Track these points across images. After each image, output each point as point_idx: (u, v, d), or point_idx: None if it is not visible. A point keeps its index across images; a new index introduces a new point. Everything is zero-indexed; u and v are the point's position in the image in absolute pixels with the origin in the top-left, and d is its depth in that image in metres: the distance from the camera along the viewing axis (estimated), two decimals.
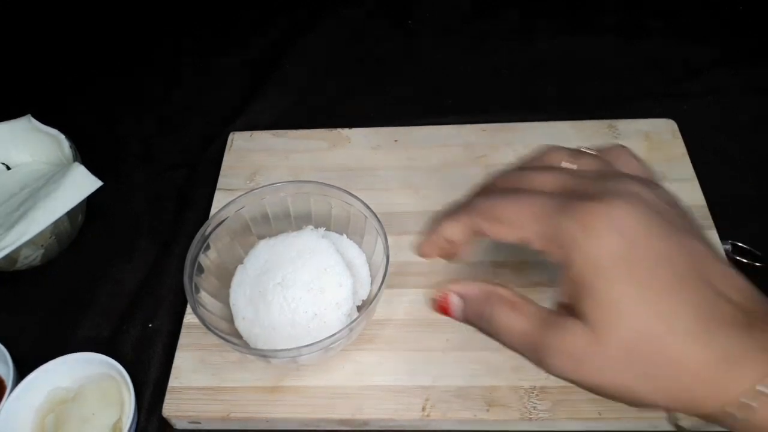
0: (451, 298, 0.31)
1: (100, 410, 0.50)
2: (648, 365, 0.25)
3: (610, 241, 0.25)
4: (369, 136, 0.66)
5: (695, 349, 0.24)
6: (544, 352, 0.27)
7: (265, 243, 0.52)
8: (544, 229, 0.27)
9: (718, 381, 0.24)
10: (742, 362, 0.24)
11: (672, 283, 0.25)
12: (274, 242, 0.52)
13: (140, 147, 0.71)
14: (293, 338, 0.47)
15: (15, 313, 0.58)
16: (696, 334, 0.24)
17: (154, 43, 0.85)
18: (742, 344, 0.24)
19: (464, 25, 0.82)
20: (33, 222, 0.55)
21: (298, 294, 0.47)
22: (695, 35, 0.77)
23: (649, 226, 0.26)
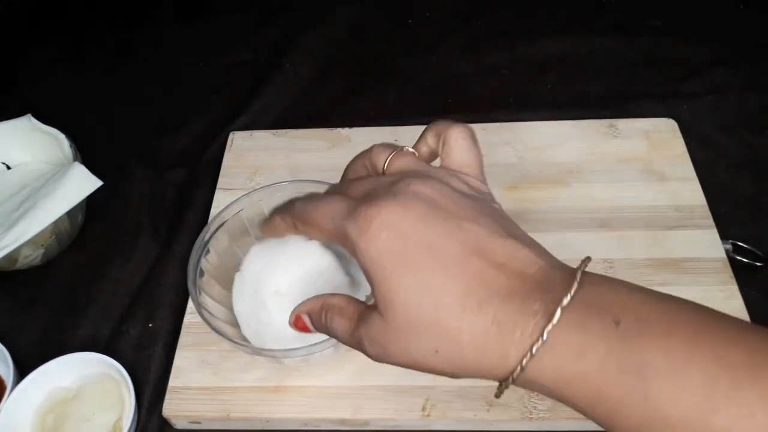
0: (303, 317, 0.36)
1: (100, 410, 0.50)
2: (431, 340, 0.28)
3: (381, 239, 0.29)
4: (369, 136, 0.66)
5: (466, 319, 0.27)
6: (362, 344, 0.31)
7: (256, 250, 0.49)
8: (336, 231, 0.31)
9: (496, 348, 0.27)
10: (513, 328, 0.26)
11: (439, 264, 0.28)
12: (266, 248, 0.49)
13: (140, 146, 0.71)
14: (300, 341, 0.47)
15: (15, 313, 0.58)
16: (464, 306, 0.27)
17: (155, 42, 0.85)
18: (516, 310, 0.26)
19: (464, 24, 0.82)
20: (33, 221, 0.55)
21: (298, 301, 0.47)
22: (695, 34, 0.77)
23: (420, 219, 0.29)
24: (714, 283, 0.53)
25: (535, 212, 0.58)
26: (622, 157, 0.62)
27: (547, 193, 0.60)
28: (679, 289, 0.52)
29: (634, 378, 0.24)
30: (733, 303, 0.51)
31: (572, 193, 0.60)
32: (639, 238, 0.56)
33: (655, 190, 0.59)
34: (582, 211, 0.58)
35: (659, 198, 0.59)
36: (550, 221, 0.58)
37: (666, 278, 0.53)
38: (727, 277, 0.53)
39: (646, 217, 0.58)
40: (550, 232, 0.56)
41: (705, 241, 0.55)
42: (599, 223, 0.57)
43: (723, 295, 0.52)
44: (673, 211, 0.58)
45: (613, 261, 0.54)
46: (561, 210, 0.59)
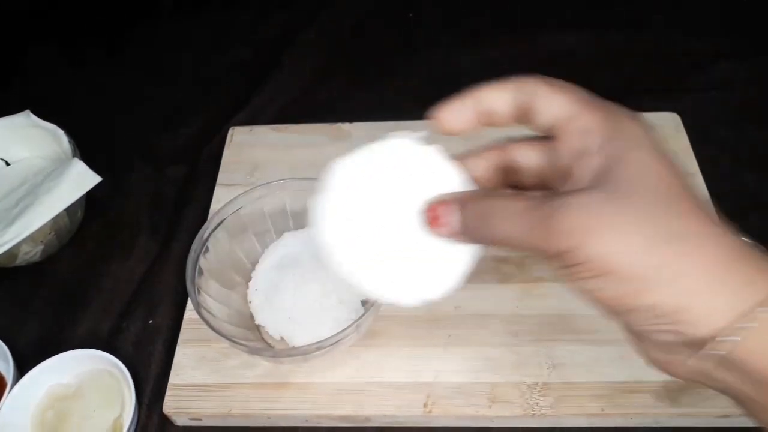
0: (450, 206, 0.28)
1: (100, 407, 0.50)
2: (663, 237, 0.23)
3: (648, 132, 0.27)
4: (370, 131, 0.66)
5: (715, 246, 0.23)
6: (554, 214, 0.24)
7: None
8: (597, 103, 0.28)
9: (724, 291, 0.23)
10: (753, 279, 0.23)
11: (689, 190, 0.25)
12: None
13: (140, 142, 0.71)
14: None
15: (15, 310, 0.58)
16: (718, 235, 0.24)
17: (154, 38, 0.84)
18: (759, 262, 0.24)
19: (465, 18, 0.82)
20: (32, 218, 0.54)
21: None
22: (699, 29, 0.76)
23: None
24: None
25: None
26: None
27: None
28: None
29: None
30: None
31: None
32: None
33: None
34: None
35: None
36: None
37: None
38: None
39: None
40: None
41: None
42: None
43: None
44: None
45: None
46: None
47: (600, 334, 0.50)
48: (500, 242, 0.26)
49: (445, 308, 0.52)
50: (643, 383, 0.47)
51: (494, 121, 0.30)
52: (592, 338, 0.50)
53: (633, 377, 0.48)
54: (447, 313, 0.52)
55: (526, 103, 0.29)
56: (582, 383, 0.48)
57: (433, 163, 0.32)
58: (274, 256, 0.54)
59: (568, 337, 0.50)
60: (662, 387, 0.47)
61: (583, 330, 0.50)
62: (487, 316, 0.51)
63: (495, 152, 0.32)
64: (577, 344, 0.49)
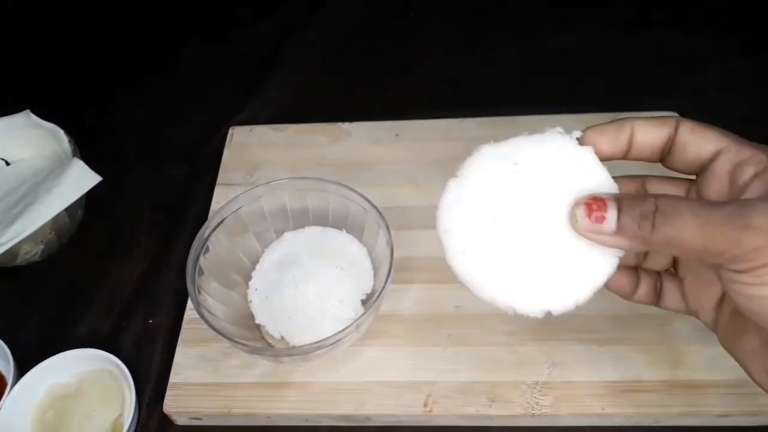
0: (608, 202, 0.27)
1: (100, 406, 0.50)
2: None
3: None
4: (370, 131, 0.66)
5: None
6: (745, 212, 0.24)
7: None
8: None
9: None
10: None
11: None
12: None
13: (140, 142, 0.71)
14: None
15: (15, 309, 0.58)
16: None
17: (154, 37, 0.84)
18: None
19: (465, 17, 0.82)
20: (33, 217, 0.55)
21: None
22: (699, 28, 0.76)
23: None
24: None
25: None
26: None
27: None
28: None
29: None
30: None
31: None
32: None
33: None
34: None
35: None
36: None
37: None
38: None
39: None
40: None
41: None
42: None
43: None
44: None
45: None
46: None
47: (600, 333, 0.50)
48: (665, 243, 0.26)
49: (445, 308, 0.52)
50: (644, 383, 0.47)
51: (641, 154, 0.31)
52: (592, 337, 0.50)
53: (633, 377, 0.48)
54: (447, 312, 0.52)
55: (675, 138, 0.30)
56: (582, 382, 0.48)
57: (584, 164, 0.30)
58: (274, 256, 0.54)
59: (569, 337, 0.50)
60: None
61: (584, 329, 0.50)
62: (487, 315, 0.51)
63: (632, 184, 0.33)
64: (578, 343, 0.49)
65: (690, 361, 0.48)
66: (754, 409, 0.46)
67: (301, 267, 0.52)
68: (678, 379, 0.47)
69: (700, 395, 0.47)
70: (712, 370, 0.48)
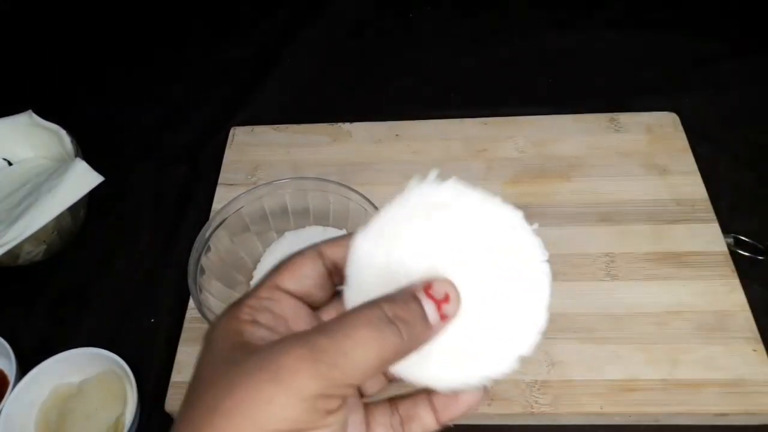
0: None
1: (102, 405, 0.50)
2: None
3: None
4: (370, 131, 0.66)
5: None
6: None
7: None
8: None
9: None
10: None
11: None
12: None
13: (141, 142, 0.71)
14: None
15: (17, 309, 0.58)
16: None
17: (156, 38, 0.84)
18: None
19: (466, 18, 0.82)
20: (35, 217, 0.55)
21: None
22: (697, 28, 0.76)
23: None
24: (716, 277, 0.53)
25: (536, 206, 0.58)
26: (624, 151, 0.62)
27: (549, 188, 0.60)
28: (680, 283, 0.52)
29: None
30: (735, 297, 0.51)
31: (573, 188, 0.60)
32: (640, 232, 0.56)
33: (656, 184, 0.59)
34: (583, 205, 0.58)
35: (661, 192, 0.59)
36: (552, 215, 0.58)
37: (667, 272, 0.53)
38: (729, 271, 0.53)
39: (647, 211, 0.58)
40: (551, 227, 0.56)
41: (706, 235, 0.55)
42: (600, 217, 0.57)
43: (725, 288, 0.52)
44: (675, 205, 0.58)
45: (615, 255, 0.54)
46: (562, 204, 0.59)
47: (599, 332, 0.50)
48: None
49: None
50: (642, 381, 0.48)
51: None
52: (591, 336, 0.50)
53: (632, 376, 0.48)
54: None
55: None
56: (581, 381, 0.48)
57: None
58: (275, 256, 0.54)
59: (568, 336, 0.50)
60: None
61: (583, 328, 0.50)
62: None
63: None
64: (577, 342, 0.50)
65: (688, 360, 0.48)
66: (752, 409, 0.46)
67: None
68: (676, 378, 0.48)
69: (698, 394, 0.47)
70: (711, 369, 0.48)
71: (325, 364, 0.21)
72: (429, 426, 0.27)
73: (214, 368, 0.22)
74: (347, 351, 0.21)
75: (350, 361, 0.21)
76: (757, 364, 0.48)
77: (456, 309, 0.24)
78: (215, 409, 0.21)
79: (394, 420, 0.27)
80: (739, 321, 0.50)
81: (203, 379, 0.22)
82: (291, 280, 0.25)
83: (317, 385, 0.20)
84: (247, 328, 0.23)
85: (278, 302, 0.25)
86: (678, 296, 0.52)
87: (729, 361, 0.48)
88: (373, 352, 0.21)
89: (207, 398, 0.21)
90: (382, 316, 0.22)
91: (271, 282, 0.25)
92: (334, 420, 0.21)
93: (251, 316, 0.24)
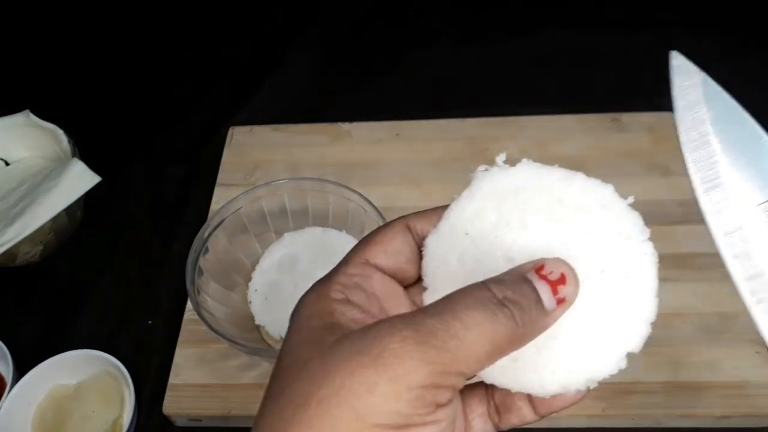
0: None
1: (100, 407, 0.50)
2: None
3: None
4: (370, 131, 0.66)
5: None
6: None
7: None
8: None
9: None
10: None
11: None
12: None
13: (139, 142, 0.71)
14: None
15: (14, 310, 0.58)
16: None
17: (154, 37, 0.84)
18: None
19: (465, 18, 0.82)
20: (32, 218, 0.54)
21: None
22: (701, 27, 0.76)
23: None
24: (720, 279, 0.52)
25: None
26: (626, 151, 0.62)
27: None
28: (684, 285, 0.52)
29: None
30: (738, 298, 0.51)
31: None
32: None
33: (659, 185, 0.59)
34: None
35: (663, 193, 0.58)
36: None
37: (671, 274, 0.53)
38: None
39: (650, 212, 0.56)
40: None
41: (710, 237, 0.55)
42: None
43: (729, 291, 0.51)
44: (678, 206, 0.57)
45: None
46: None
47: None
48: None
49: None
50: (644, 384, 0.47)
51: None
52: None
53: (634, 378, 0.47)
54: None
55: None
56: None
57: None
58: (274, 257, 0.54)
59: None
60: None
61: None
62: None
63: None
64: None
65: (690, 362, 0.48)
66: (754, 411, 0.46)
67: (301, 268, 0.52)
68: (678, 380, 0.47)
69: (700, 397, 0.46)
70: (713, 371, 0.47)
71: (434, 348, 0.18)
72: (527, 418, 0.24)
73: (304, 353, 0.20)
74: (458, 333, 0.18)
75: (462, 345, 0.18)
76: (760, 367, 0.47)
77: (575, 291, 0.21)
78: (309, 397, 0.18)
79: (490, 408, 0.24)
80: (742, 323, 0.50)
81: (292, 365, 0.20)
82: (382, 255, 0.23)
83: (426, 371, 0.18)
84: (338, 307, 0.21)
85: (369, 279, 0.22)
86: (681, 298, 0.51)
87: (732, 364, 0.48)
88: (486, 337, 0.19)
89: (298, 386, 0.19)
90: (492, 297, 0.19)
91: (359, 257, 0.23)
92: (443, 415, 0.19)
93: (342, 294, 0.22)
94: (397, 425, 0.18)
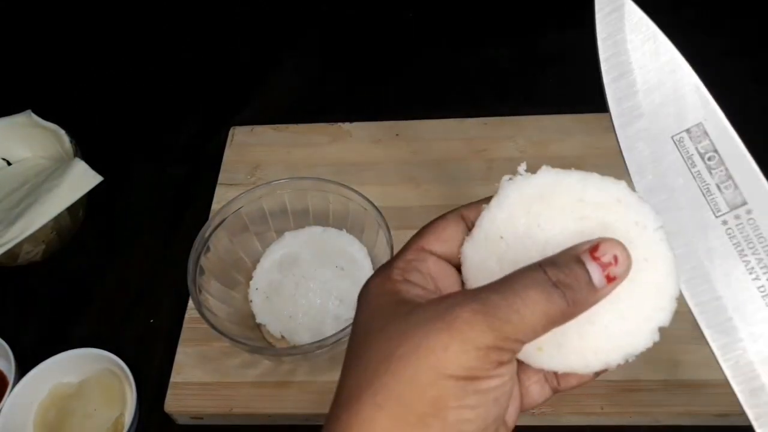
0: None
1: (102, 406, 0.50)
2: None
3: None
4: (370, 131, 0.66)
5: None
6: None
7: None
8: None
9: None
10: None
11: None
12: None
13: (141, 142, 0.71)
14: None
15: (16, 309, 0.58)
16: None
17: (155, 37, 0.84)
18: None
19: (465, 19, 0.82)
20: (34, 217, 0.55)
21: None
22: (702, 26, 0.76)
23: None
24: None
25: None
26: None
27: None
28: None
29: None
30: None
31: None
32: None
33: None
34: None
35: None
36: None
37: None
38: None
39: None
40: None
41: None
42: None
43: None
44: None
45: None
46: None
47: None
48: None
49: None
50: (642, 382, 0.47)
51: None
52: None
53: (632, 376, 0.48)
54: None
55: None
56: None
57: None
58: (275, 256, 0.54)
59: None
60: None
61: None
62: None
63: None
64: None
65: (689, 360, 0.48)
66: None
67: (302, 267, 0.52)
68: (677, 378, 0.47)
69: (699, 395, 0.47)
70: (711, 369, 0.47)
71: (498, 320, 0.21)
72: (585, 377, 0.27)
73: (378, 322, 0.23)
74: (519, 309, 0.22)
75: (521, 318, 0.22)
76: None
77: (626, 270, 0.23)
78: (390, 354, 0.22)
79: (548, 374, 0.27)
80: None
81: (368, 332, 0.24)
82: (436, 242, 0.26)
83: (492, 335, 0.21)
84: (402, 287, 0.24)
85: (424, 262, 0.25)
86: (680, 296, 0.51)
87: None
88: (542, 312, 0.22)
89: (378, 346, 0.23)
90: (547, 280, 0.22)
91: (416, 245, 0.26)
92: (505, 371, 0.22)
93: (402, 276, 0.25)
94: (467, 377, 0.21)
